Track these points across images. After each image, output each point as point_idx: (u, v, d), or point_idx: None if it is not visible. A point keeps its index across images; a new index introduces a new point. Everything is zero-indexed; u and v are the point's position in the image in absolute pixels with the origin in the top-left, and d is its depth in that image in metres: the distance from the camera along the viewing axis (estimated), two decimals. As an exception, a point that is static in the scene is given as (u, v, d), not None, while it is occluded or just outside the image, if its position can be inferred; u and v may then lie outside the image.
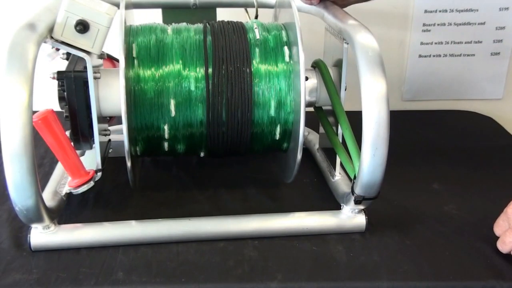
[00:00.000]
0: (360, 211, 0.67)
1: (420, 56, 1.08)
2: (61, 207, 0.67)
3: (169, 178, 0.80)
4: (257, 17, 0.81)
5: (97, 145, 0.64)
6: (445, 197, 0.76)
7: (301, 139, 0.64)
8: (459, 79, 1.11)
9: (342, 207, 0.69)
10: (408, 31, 1.06)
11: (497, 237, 0.63)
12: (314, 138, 0.88)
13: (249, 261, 0.62)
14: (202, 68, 0.66)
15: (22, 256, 0.62)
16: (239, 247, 0.64)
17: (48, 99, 0.68)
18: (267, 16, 0.82)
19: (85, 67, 0.60)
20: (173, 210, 0.72)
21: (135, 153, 0.69)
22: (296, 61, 0.66)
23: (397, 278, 0.60)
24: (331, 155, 0.76)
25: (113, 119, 0.74)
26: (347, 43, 0.67)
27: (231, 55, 0.66)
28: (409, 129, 1.00)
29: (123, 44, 0.62)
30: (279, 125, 0.69)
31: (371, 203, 0.65)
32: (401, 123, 0.99)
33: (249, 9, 0.83)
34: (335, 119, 0.72)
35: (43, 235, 0.62)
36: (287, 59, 0.68)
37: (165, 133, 0.67)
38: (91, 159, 0.67)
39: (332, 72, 0.72)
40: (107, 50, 0.70)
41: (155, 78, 0.65)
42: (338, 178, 0.74)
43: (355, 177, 0.62)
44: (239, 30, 0.69)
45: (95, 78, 0.62)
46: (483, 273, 0.61)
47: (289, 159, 0.71)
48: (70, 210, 0.70)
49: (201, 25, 0.71)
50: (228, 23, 0.71)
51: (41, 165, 0.81)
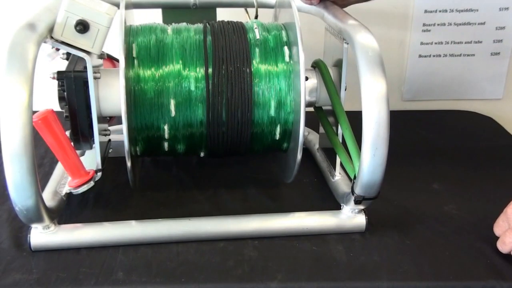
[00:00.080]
0: (360, 211, 0.67)
1: (420, 56, 1.08)
2: (61, 207, 0.67)
3: (169, 178, 0.80)
4: (257, 17, 0.81)
5: (97, 145, 0.64)
6: (445, 197, 0.76)
7: (301, 139, 0.64)
8: (459, 79, 1.11)
9: (342, 207, 0.69)
10: (408, 31, 1.06)
11: (497, 237, 0.63)
12: (314, 138, 0.88)
13: (249, 261, 0.62)
14: (202, 68, 0.66)
15: (22, 256, 0.62)
16: (239, 247, 0.64)
17: (48, 99, 0.68)
18: (267, 16, 0.82)
19: (85, 67, 0.60)
20: (173, 210, 0.72)
21: (135, 153, 0.69)
22: (296, 61, 0.66)
23: (397, 278, 0.60)
24: (331, 155, 0.76)
25: (113, 119, 0.74)
26: (347, 43, 0.67)
27: (231, 55, 0.66)
28: (409, 129, 1.00)
29: (123, 44, 0.62)
30: (279, 125, 0.69)
31: (371, 203, 0.65)
32: (401, 123, 0.99)
33: (249, 9, 0.83)
34: (335, 119, 0.72)
35: (43, 235, 0.62)
36: (287, 59, 0.68)
37: (165, 133, 0.67)
38: (91, 159, 0.67)
39: (332, 72, 0.72)
40: (107, 50, 0.70)
41: (155, 78, 0.65)
42: (338, 178, 0.74)
43: (355, 177, 0.62)
44: (239, 30, 0.69)
45: (95, 78, 0.62)
46: (483, 273, 0.60)
47: (289, 159, 0.71)
48: (70, 210, 0.70)
49: (201, 25, 0.71)
50: (228, 23, 0.71)
51: (41, 165, 0.81)
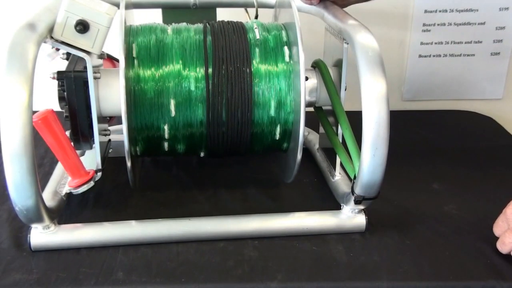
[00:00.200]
0: (360, 211, 0.67)
1: (420, 56, 1.08)
2: (61, 207, 0.67)
3: (169, 178, 0.80)
4: (257, 17, 0.81)
5: (97, 145, 0.64)
6: (445, 197, 0.76)
7: (301, 139, 0.64)
8: (459, 79, 1.11)
9: (342, 207, 0.69)
10: (408, 31, 1.06)
11: (497, 237, 0.63)
12: (314, 138, 0.88)
13: (249, 261, 0.62)
14: (202, 68, 0.66)
15: (22, 256, 0.62)
16: (239, 247, 0.64)
17: (48, 99, 0.68)
18: (267, 16, 0.82)
19: (85, 67, 0.60)
20: (173, 210, 0.72)
21: (135, 153, 0.69)
22: (296, 61, 0.66)
23: (397, 278, 0.60)
24: (331, 155, 0.76)
25: (113, 119, 0.74)
26: (347, 43, 0.67)
27: (231, 55, 0.66)
28: (409, 129, 1.00)
29: (123, 44, 0.62)
30: (279, 125, 0.69)
31: (371, 203, 0.65)
32: (401, 123, 0.99)
33: (249, 9, 0.83)
34: (335, 119, 0.72)
35: (43, 235, 0.62)
36: (287, 59, 0.68)
37: (165, 133, 0.67)
38: (91, 159, 0.67)
39: (332, 72, 0.72)
40: (107, 50, 0.70)
41: (155, 78, 0.65)
42: (338, 178, 0.74)
43: (355, 177, 0.62)
44: (239, 30, 0.69)
45: (95, 78, 0.62)
46: (483, 273, 0.60)
47: (289, 159, 0.71)
48: (70, 210, 0.70)
49: (201, 25, 0.71)
50: (228, 23, 0.71)
51: (41, 165, 0.81)
